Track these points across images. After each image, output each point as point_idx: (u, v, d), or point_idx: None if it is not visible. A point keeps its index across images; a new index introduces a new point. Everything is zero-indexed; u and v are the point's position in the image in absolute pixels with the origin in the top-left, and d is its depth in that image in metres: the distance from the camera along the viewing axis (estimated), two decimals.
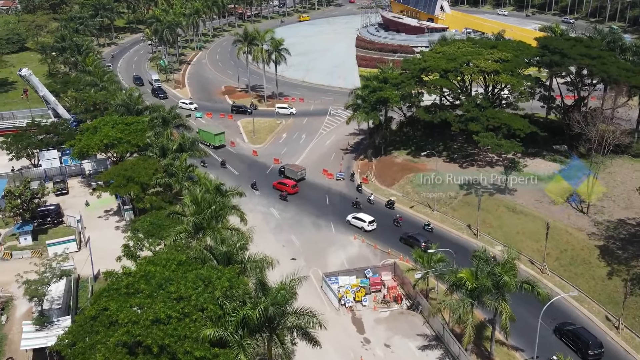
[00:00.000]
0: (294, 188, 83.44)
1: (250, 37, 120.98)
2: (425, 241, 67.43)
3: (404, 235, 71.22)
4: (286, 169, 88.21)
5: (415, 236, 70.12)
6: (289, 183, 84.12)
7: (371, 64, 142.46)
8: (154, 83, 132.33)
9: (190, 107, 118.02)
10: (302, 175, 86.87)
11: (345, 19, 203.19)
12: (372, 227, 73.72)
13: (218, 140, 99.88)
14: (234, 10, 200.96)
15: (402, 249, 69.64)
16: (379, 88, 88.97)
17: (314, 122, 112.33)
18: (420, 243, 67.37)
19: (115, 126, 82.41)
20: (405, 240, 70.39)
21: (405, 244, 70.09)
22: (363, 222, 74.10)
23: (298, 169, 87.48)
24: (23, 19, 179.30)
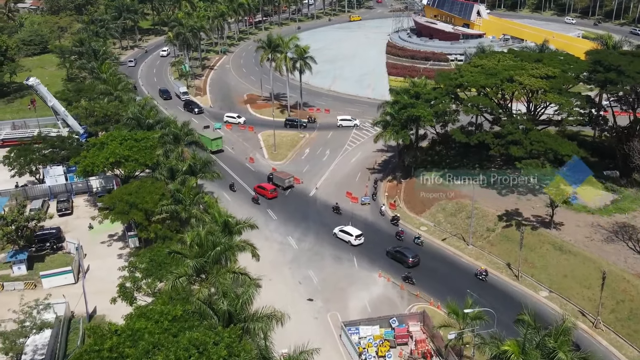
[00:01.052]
0: (273, 193, 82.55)
1: (273, 43, 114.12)
2: (413, 256, 65.50)
3: (391, 249, 68.04)
4: (274, 176, 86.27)
5: (402, 251, 66.99)
6: (268, 187, 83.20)
7: (402, 72, 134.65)
8: (183, 96, 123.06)
9: (238, 120, 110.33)
10: (289, 183, 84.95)
11: (376, 23, 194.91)
12: (359, 241, 70.30)
13: (215, 145, 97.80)
14: (250, 17, 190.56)
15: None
16: (410, 104, 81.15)
17: (340, 136, 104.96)
18: (407, 258, 65.44)
19: (124, 142, 76.64)
20: (393, 255, 67.32)
21: (392, 259, 67.17)
22: (350, 236, 70.48)
23: (285, 177, 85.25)
24: (46, 20, 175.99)
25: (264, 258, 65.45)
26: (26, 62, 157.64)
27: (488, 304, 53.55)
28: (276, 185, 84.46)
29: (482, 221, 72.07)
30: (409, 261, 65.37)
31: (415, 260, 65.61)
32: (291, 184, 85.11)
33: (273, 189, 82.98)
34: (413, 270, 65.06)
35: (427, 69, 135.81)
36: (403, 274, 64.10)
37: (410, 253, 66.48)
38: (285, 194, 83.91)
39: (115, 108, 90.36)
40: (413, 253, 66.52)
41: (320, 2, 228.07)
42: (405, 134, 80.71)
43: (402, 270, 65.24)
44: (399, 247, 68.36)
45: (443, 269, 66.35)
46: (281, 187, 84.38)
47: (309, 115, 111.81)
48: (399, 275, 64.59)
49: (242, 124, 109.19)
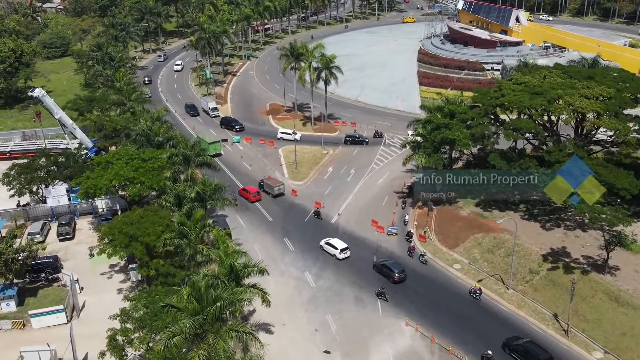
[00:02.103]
0: (256, 196, 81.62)
1: (296, 52, 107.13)
2: (400, 271, 62.92)
3: (377, 263, 65.12)
4: (265, 183, 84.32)
5: (389, 265, 63.93)
6: (251, 191, 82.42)
7: (434, 82, 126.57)
8: (212, 112, 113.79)
9: (294, 137, 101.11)
10: (279, 190, 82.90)
11: (407, 27, 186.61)
12: (345, 255, 67.51)
13: (213, 149, 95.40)
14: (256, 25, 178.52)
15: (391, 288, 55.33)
16: (444, 125, 73.27)
17: (366, 153, 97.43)
18: (393, 273, 62.76)
19: (130, 162, 70.68)
20: (379, 269, 64.45)
21: (378, 273, 64.29)
22: (335, 250, 67.55)
23: (276, 184, 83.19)
24: (68, 22, 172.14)
25: (278, 297, 59.05)
26: (46, 65, 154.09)
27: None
28: (266, 192, 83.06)
29: (524, 261, 63.84)
30: (395, 276, 62.54)
31: (402, 276, 62.90)
32: (281, 192, 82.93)
33: (256, 192, 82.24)
34: (452, 318, 57.59)
35: (462, 79, 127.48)
36: (377, 290, 61.07)
37: (397, 268, 63.58)
38: (305, 219, 76.71)
39: (126, 121, 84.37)
40: (400, 268, 63.68)
41: (350, 5, 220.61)
42: (438, 158, 72.84)
43: (402, 294, 59.89)
44: (385, 261, 65.11)
45: (478, 317, 58.42)
46: (271, 194, 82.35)
47: (376, 130, 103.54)
48: (429, 323, 57.00)
49: (298, 140, 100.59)
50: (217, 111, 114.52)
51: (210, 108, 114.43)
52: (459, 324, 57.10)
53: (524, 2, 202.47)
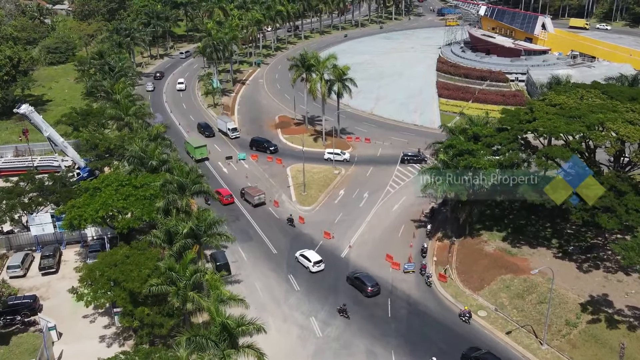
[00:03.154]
0: (228, 199, 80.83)
1: (307, 62, 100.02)
2: (373, 285, 60.91)
3: (351, 274, 63.59)
4: (245, 192, 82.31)
5: (362, 278, 62.05)
6: (224, 193, 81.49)
7: (454, 94, 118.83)
8: (232, 133, 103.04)
9: (343, 156, 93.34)
10: (259, 200, 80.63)
11: (425, 33, 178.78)
12: (319, 268, 65.46)
13: (199, 153, 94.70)
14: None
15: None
16: (468, 150, 65.68)
17: (381, 173, 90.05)
18: (366, 287, 60.78)
19: (121, 188, 64.04)
20: (352, 281, 62.67)
21: (351, 285, 62.51)
22: (308, 262, 65.64)
23: (256, 194, 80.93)
24: (74, 26, 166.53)
25: (279, 349, 52.54)
26: (49, 71, 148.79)
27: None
28: (247, 201, 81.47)
29: (560, 310, 56.18)
30: (368, 290, 60.65)
31: (375, 290, 60.89)
32: (261, 201, 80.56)
33: (229, 195, 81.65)
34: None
35: (484, 90, 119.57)
36: (338, 307, 58.78)
37: (370, 281, 61.54)
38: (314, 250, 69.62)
39: (120, 140, 77.84)
40: (373, 281, 61.61)
41: (366, 9, 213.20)
42: (461, 188, 65.21)
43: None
44: (359, 273, 63.21)
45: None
46: (251, 203, 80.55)
47: (419, 149, 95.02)
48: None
49: (347, 160, 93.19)
50: (238, 132, 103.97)
51: (229, 129, 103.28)
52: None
53: (548, 7, 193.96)
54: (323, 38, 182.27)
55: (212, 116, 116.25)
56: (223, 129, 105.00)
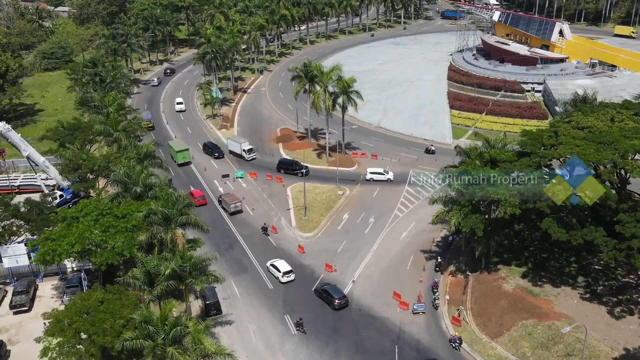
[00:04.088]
0: (200, 200, 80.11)
1: (310, 74, 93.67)
2: (340, 297, 59.42)
3: (319, 287, 61.96)
4: (222, 200, 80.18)
5: (329, 290, 60.38)
6: (197, 195, 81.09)
7: (467, 105, 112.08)
8: (248, 154, 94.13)
9: (387, 176, 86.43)
10: (235, 208, 78.44)
11: (436, 38, 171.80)
12: (288, 278, 63.84)
13: (181, 157, 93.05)
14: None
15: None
16: (484, 178, 59.03)
17: (388, 194, 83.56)
18: (333, 299, 59.19)
19: (101, 218, 58.01)
20: (319, 294, 61.06)
21: (318, 297, 60.83)
22: (278, 272, 64.06)
23: (232, 201, 78.63)
24: (72, 31, 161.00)
25: None
26: (44, 77, 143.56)
27: None
28: (224, 209, 79.46)
29: None
30: (335, 302, 58.87)
31: (342, 302, 59.15)
32: (237, 209, 78.49)
33: (201, 196, 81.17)
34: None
35: (498, 102, 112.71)
36: (296, 320, 57.02)
37: (337, 293, 59.77)
38: (312, 287, 63.10)
39: (105, 160, 71.77)
40: (341, 294, 59.92)
41: (374, 12, 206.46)
42: (477, 222, 58.51)
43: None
44: (327, 285, 61.43)
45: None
46: (227, 211, 78.57)
47: (428, 147, 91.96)
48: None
49: (390, 180, 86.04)
50: (254, 152, 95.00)
51: (245, 150, 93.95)
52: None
53: (563, 11, 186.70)
54: (330, 43, 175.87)
55: (210, 127, 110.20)
56: (236, 151, 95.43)
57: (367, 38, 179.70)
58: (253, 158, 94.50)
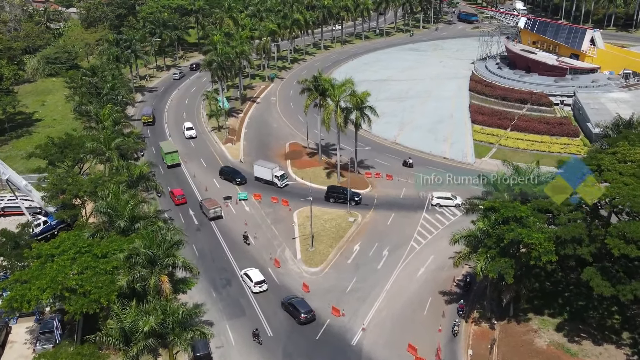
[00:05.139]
0: (180, 199, 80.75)
1: (321, 87, 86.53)
2: (306, 311, 57.29)
3: (285, 300, 59.81)
4: (203, 205, 78.48)
5: (295, 304, 58.40)
6: (177, 193, 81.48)
7: (490, 120, 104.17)
8: (281, 181, 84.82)
9: (455, 201, 77.79)
10: (215, 214, 76.84)
11: (456, 44, 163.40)
12: (260, 288, 62.19)
13: (170, 159, 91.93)
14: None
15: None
16: (514, 217, 51.42)
17: (404, 222, 76.10)
18: (299, 313, 57.32)
19: (79, 257, 51.48)
20: (286, 307, 59.16)
21: (285, 311, 58.88)
22: (250, 282, 62.54)
23: (212, 206, 77.01)
24: (77, 35, 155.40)
25: None
26: (47, 83, 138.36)
27: None
28: (204, 214, 77.83)
29: None
30: (301, 316, 56.96)
31: (309, 317, 57.14)
32: (217, 215, 76.79)
33: (181, 195, 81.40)
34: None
35: (524, 116, 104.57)
36: (254, 329, 55.45)
37: (304, 307, 57.70)
38: (316, 336, 55.90)
39: (92, 185, 65.17)
40: (307, 308, 57.71)
41: (392, 15, 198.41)
42: (506, 267, 50.86)
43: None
44: (294, 299, 59.42)
45: None
46: (207, 216, 76.97)
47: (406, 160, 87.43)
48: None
49: (459, 205, 76.28)
50: (287, 178, 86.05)
51: (277, 176, 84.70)
52: None
53: (591, 16, 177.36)
54: (345, 48, 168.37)
55: (215, 142, 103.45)
56: (264, 177, 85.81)
57: (383, 43, 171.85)
58: (286, 185, 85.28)
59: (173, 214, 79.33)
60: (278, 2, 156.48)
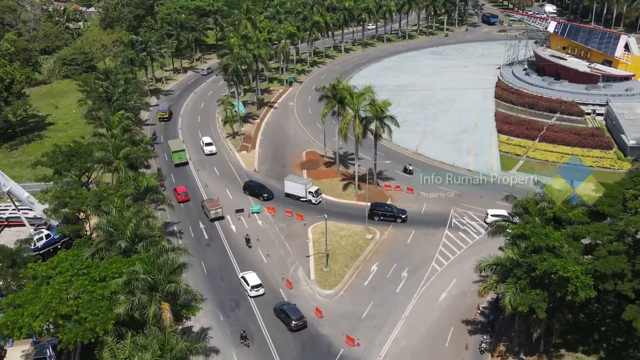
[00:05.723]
0: (183, 197, 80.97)
1: (339, 96, 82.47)
2: (297, 318, 56.35)
3: (277, 306, 59.05)
4: (204, 206, 77.79)
5: (287, 311, 57.55)
6: (180, 191, 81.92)
7: (517, 130, 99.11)
8: (316, 197, 79.09)
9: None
10: (215, 215, 75.77)
11: (481, 48, 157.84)
12: (257, 292, 61.45)
13: (177, 157, 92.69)
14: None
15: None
16: (547, 246, 46.84)
17: (425, 240, 71.75)
18: (290, 320, 56.36)
19: (76, 279, 48.22)
20: (277, 314, 58.38)
21: (277, 317, 58.02)
22: (247, 286, 61.73)
23: (213, 207, 76.19)
24: (94, 36, 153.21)
25: None
26: (62, 85, 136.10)
27: None
28: (205, 215, 77.02)
29: None
30: (292, 324, 56.09)
31: (300, 324, 56.24)
32: (218, 216, 75.91)
33: (184, 192, 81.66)
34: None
35: (553, 126, 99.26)
36: (241, 331, 55.40)
37: (295, 314, 56.83)
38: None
39: (96, 198, 61.91)
40: (298, 315, 56.77)
41: (415, 17, 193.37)
42: (538, 300, 46.25)
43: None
44: (286, 305, 58.62)
45: None
46: (208, 217, 76.23)
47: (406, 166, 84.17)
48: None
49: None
50: (320, 194, 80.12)
51: (312, 192, 79.49)
52: None
53: (623, 19, 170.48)
54: (366, 51, 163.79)
55: (230, 149, 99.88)
56: (297, 193, 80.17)
57: (405, 46, 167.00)
58: (319, 202, 79.51)
59: (183, 226, 76.16)
60: (298, 4, 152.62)
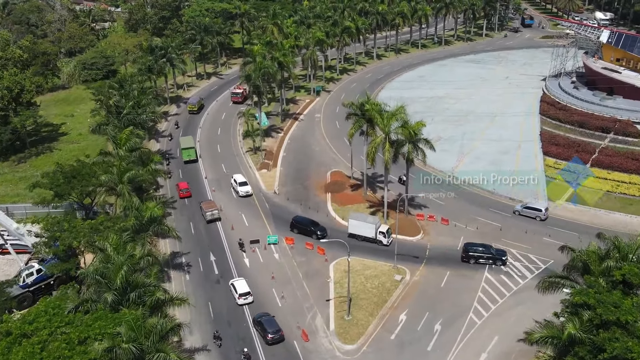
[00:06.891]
0: (184, 193, 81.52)
1: (367, 115, 74.33)
2: (274, 332, 53.66)
3: (255, 317, 56.26)
4: (201, 207, 76.96)
5: (263, 323, 54.57)
6: (182, 187, 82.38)
7: (566, 152, 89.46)
8: (387, 238, 69.47)
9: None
10: (212, 216, 75.21)
11: (523, 56, 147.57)
12: (245, 300, 59.10)
13: (186, 155, 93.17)
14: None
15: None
16: (618, 322, 38.00)
17: (461, 284, 63.17)
18: (266, 333, 53.71)
19: (53, 339, 41.67)
20: (255, 324, 55.73)
21: (255, 329, 55.34)
22: (236, 293, 59.55)
23: (209, 208, 75.56)
24: (115, 39, 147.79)
25: None
26: (80, 91, 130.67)
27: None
28: (202, 216, 75.97)
29: None
30: (268, 337, 53.71)
31: (276, 337, 53.86)
32: (215, 217, 75.11)
33: (186, 188, 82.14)
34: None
35: (607, 148, 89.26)
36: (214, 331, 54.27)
37: (271, 327, 54.47)
38: None
39: (90, 233, 55.10)
40: (275, 328, 54.47)
41: (451, 22, 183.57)
42: None
43: None
44: (264, 317, 55.98)
45: None
46: (204, 218, 75.35)
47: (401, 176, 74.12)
48: None
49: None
50: (392, 233, 69.66)
51: (383, 232, 69.61)
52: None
53: None
54: (399, 58, 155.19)
55: (249, 166, 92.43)
56: (365, 234, 69.96)
57: (441, 53, 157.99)
58: (390, 242, 69.67)
59: (192, 257, 69.03)
60: (328, 8, 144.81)
